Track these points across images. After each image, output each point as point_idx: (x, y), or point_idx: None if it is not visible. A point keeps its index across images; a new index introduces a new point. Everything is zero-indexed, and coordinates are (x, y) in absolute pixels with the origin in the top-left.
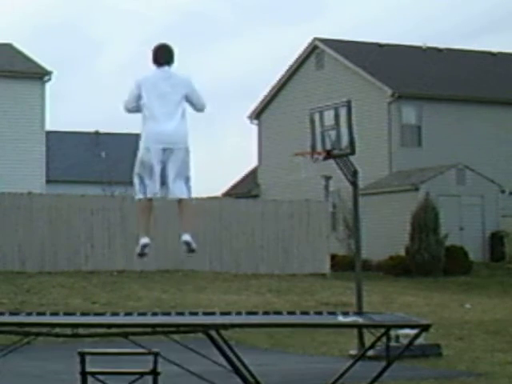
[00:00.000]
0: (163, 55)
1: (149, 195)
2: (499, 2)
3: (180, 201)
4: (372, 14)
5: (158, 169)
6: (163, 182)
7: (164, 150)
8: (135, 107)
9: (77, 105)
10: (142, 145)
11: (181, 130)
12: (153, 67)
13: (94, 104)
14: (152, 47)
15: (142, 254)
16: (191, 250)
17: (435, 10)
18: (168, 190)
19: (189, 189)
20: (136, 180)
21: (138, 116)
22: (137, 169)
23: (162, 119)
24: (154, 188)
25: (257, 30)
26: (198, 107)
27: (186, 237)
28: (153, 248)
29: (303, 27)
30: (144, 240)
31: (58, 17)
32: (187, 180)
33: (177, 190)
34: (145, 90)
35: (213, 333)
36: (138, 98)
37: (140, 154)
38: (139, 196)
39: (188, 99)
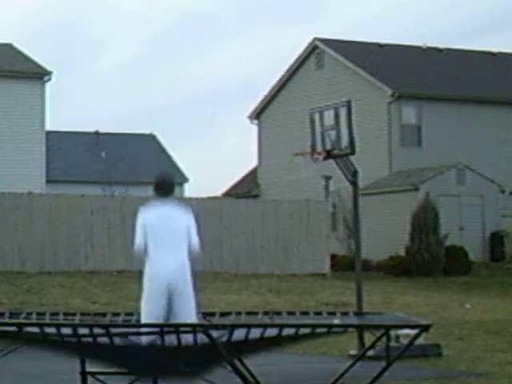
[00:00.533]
0: (164, 188)
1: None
2: (499, 2)
3: None
4: (372, 14)
5: (163, 304)
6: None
7: (168, 285)
8: (145, 247)
9: (77, 105)
10: (147, 276)
11: (185, 268)
12: (154, 195)
13: (94, 104)
14: (155, 177)
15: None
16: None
17: (435, 10)
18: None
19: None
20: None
21: (138, 116)
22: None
23: (167, 256)
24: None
25: (257, 30)
26: (190, 247)
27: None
28: None
29: (303, 27)
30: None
31: (58, 17)
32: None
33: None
34: (149, 229)
35: (213, 333)
36: (145, 235)
37: (146, 285)
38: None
39: (185, 236)
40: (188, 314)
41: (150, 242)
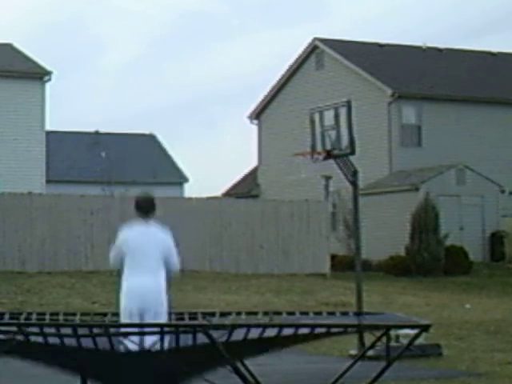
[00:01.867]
0: (145, 208)
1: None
2: (499, 2)
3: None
4: (372, 14)
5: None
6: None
7: (144, 308)
8: (120, 261)
9: (77, 105)
10: (123, 296)
11: (161, 288)
12: (135, 215)
13: (94, 104)
14: (135, 197)
15: None
16: None
17: (435, 10)
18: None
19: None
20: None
21: (138, 116)
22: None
23: (143, 277)
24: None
25: (257, 30)
26: (171, 266)
27: None
28: None
29: (303, 27)
30: None
31: (59, 16)
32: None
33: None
34: (129, 249)
35: (213, 333)
36: (123, 253)
37: (122, 305)
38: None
39: (163, 256)
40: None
41: (127, 260)
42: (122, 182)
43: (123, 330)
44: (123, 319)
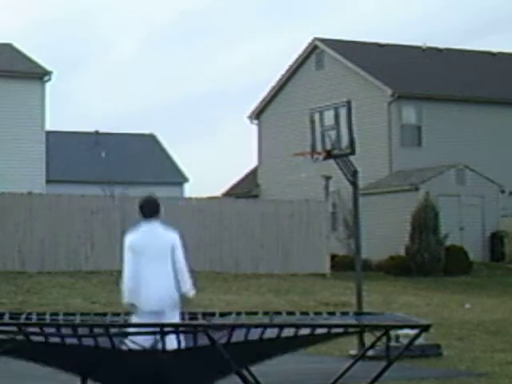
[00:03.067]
0: (148, 210)
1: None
2: (499, 2)
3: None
4: (372, 14)
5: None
6: None
7: (156, 312)
8: (136, 272)
9: (77, 105)
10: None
11: (171, 292)
12: (140, 218)
13: (93, 104)
14: (139, 200)
15: None
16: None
17: (435, 10)
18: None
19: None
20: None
21: (138, 116)
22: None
23: (154, 280)
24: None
25: (257, 30)
26: (177, 266)
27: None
28: None
29: (303, 27)
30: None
31: (59, 16)
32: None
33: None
34: (137, 253)
35: (213, 333)
36: (135, 260)
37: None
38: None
39: (171, 256)
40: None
41: (138, 265)
42: (122, 182)
43: (126, 329)
44: (139, 320)
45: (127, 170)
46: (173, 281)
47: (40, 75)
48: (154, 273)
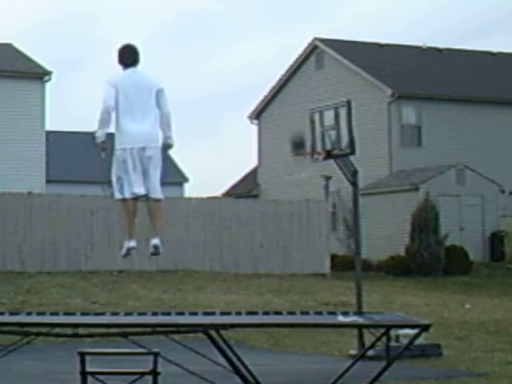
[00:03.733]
0: (130, 56)
1: (129, 195)
2: (499, 2)
3: (156, 202)
4: (372, 14)
5: (138, 169)
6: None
7: (142, 148)
8: (114, 106)
9: (77, 105)
10: (118, 146)
11: (155, 130)
12: (120, 68)
13: (94, 104)
14: (117, 48)
15: (126, 255)
16: (157, 254)
17: (435, 9)
18: (146, 189)
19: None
20: (114, 180)
21: None
22: (115, 169)
23: (138, 119)
24: (135, 188)
25: (257, 30)
26: (163, 111)
27: (156, 241)
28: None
29: (303, 27)
30: (130, 244)
31: (59, 16)
32: (160, 181)
33: (154, 190)
34: (120, 90)
35: (213, 333)
36: (116, 97)
37: (117, 154)
38: (118, 196)
39: (156, 100)
40: (156, 180)
41: (119, 105)
42: None
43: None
44: (121, 160)
45: None
46: (156, 120)
47: (40, 75)
48: (140, 111)
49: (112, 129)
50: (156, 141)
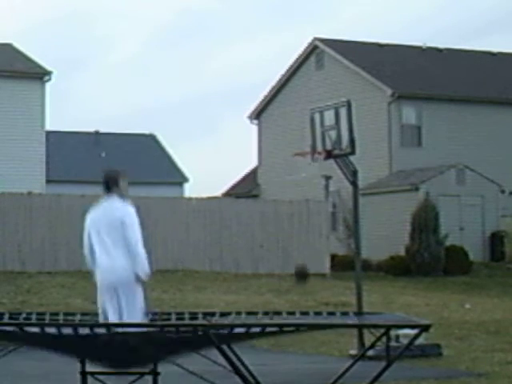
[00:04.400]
0: (106, 183)
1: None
2: (499, 2)
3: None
4: (372, 14)
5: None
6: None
7: (112, 285)
8: (89, 250)
9: (77, 104)
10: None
11: (123, 265)
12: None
13: (94, 104)
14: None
15: None
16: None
17: (435, 9)
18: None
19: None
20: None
21: (138, 116)
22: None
23: (109, 253)
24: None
25: (257, 30)
26: (128, 245)
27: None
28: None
29: (303, 27)
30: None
31: (59, 16)
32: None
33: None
34: (91, 229)
35: (213, 333)
36: (88, 235)
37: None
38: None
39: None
40: (134, 313)
41: (92, 241)
42: None
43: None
44: (99, 294)
45: (127, 170)
46: (123, 258)
47: (40, 75)
48: (104, 248)
49: None
50: (125, 282)
